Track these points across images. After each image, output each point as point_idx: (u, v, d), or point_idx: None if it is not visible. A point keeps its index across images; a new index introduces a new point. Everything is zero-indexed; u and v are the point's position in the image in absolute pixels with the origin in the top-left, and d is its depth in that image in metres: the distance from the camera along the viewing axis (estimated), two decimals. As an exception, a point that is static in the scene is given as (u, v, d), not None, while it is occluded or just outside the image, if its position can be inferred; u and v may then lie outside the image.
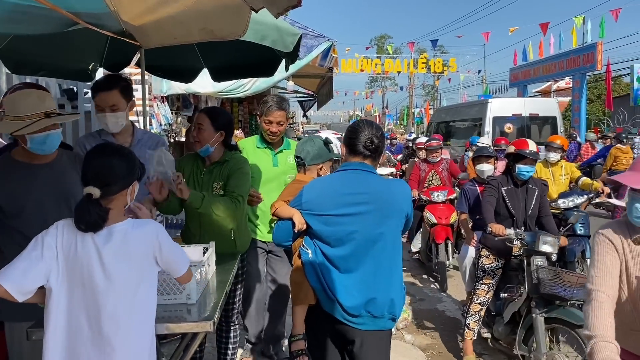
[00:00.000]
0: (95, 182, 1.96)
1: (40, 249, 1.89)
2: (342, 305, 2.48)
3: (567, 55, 21.98)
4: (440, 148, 7.50)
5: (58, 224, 1.96)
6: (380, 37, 58.05)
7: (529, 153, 4.40)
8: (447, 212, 6.87)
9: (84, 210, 1.92)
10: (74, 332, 1.93)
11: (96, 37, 4.16)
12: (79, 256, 1.92)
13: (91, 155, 2.04)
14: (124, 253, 1.98)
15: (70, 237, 1.92)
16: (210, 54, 4.84)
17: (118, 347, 1.94)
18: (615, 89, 28.37)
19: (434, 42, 31.00)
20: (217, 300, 2.48)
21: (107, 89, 3.25)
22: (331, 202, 2.51)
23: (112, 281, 1.95)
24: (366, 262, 2.49)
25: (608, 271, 2.20)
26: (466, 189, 5.33)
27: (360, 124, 2.62)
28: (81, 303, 1.93)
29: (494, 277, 4.56)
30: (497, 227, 4.19)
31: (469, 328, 4.59)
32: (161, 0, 2.92)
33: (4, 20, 3.36)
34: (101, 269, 1.94)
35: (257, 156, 3.91)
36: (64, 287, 1.92)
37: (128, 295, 1.98)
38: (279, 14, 2.50)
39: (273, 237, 2.77)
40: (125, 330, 1.97)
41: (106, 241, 1.96)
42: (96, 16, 3.33)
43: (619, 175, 2.24)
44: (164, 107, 7.16)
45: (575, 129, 19.09)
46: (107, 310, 1.94)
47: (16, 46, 4.38)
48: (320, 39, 6.52)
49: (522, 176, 4.45)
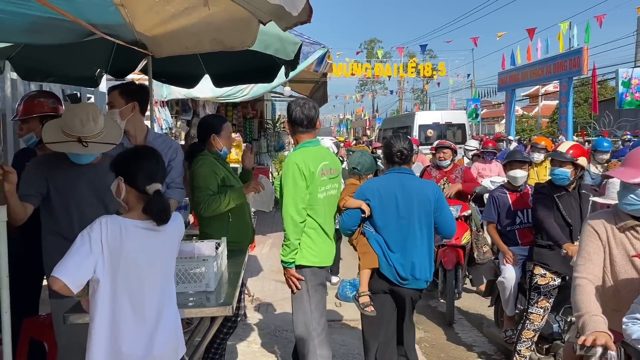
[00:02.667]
0: (156, 179, 2.20)
1: (88, 244, 2.07)
2: (397, 271, 3.35)
3: (554, 59, 22.43)
4: (449, 148, 6.39)
5: (101, 220, 2.13)
6: (370, 41, 58.56)
7: (555, 154, 4.07)
8: (459, 231, 5.65)
9: (161, 203, 2.16)
10: (117, 317, 2.13)
11: (103, 44, 4.38)
12: (125, 248, 2.12)
13: (140, 157, 2.26)
14: (165, 243, 2.23)
15: (114, 231, 2.11)
16: (212, 60, 5.05)
17: (160, 328, 2.19)
18: (602, 93, 28.92)
19: (423, 46, 31.42)
20: (234, 288, 2.73)
21: (110, 91, 3.65)
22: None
23: (155, 268, 2.19)
24: (410, 239, 3.37)
25: (590, 258, 2.49)
26: (495, 195, 4.80)
27: (392, 140, 3.46)
28: (125, 291, 2.13)
29: (550, 298, 4.09)
30: (574, 249, 3.68)
31: (519, 355, 4.18)
32: (174, 13, 3.15)
33: (25, 31, 3.57)
34: (145, 258, 2.17)
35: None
36: (109, 277, 2.11)
37: (168, 279, 2.25)
38: (287, 28, 2.75)
39: (342, 225, 3.52)
40: (166, 311, 2.22)
41: (151, 232, 2.19)
42: (112, 27, 3.55)
43: (614, 171, 2.54)
44: (164, 112, 7.37)
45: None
46: (151, 295, 2.18)
47: (27, 54, 4.59)
48: (315, 45, 6.76)
49: (553, 179, 4.07)
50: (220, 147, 3.69)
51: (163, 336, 2.20)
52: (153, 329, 2.18)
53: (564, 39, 22.28)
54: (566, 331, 4.08)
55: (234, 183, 3.69)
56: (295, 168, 3.26)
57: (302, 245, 3.32)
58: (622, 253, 2.45)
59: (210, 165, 3.59)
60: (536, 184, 4.57)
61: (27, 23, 3.35)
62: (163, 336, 2.20)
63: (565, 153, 3.99)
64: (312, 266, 3.36)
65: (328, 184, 3.43)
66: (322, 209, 3.38)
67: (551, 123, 34.25)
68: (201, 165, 3.56)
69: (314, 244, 3.37)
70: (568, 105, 21.18)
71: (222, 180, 3.61)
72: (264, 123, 14.51)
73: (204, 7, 2.68)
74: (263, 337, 4.91)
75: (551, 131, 29.74)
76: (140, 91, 3.67)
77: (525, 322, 4.15)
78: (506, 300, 4.53)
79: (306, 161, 3.29)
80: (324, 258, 3.45)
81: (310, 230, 3.35)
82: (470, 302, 6.33)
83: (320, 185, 3.34)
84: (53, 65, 4.93)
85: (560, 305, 4.18)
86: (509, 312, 4.54)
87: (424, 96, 57.10)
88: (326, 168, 3.40)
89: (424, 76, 39.00)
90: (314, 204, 3.33)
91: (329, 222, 3.46)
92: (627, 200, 2.40)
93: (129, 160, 2.25)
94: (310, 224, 3.34)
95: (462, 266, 5.70)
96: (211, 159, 3.67)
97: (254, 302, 5.83)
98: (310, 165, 3.29)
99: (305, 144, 3.40)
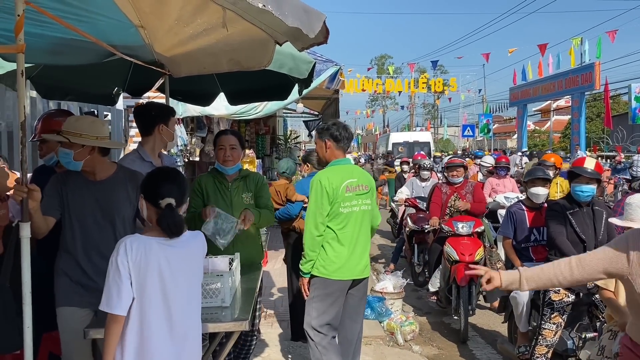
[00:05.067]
0: (171, 194, 2.26)
1: (117, 269, 2.17)
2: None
3: (566, 75, 22.43)
4: (462, 166, 6.32)
5: (125, 241, 2.21)
6: (380, 57, 58.94)
7: (581, 170, 4.00)
8: (473, 248, 5.71)
9: (173, 216, 2.22)
10: (146, 335, 2.20)
11: (121, 63, 4.47)
12: (150, 264, 2.19)
13: (163, 174, 2.36)
14: (187, 259, 2.29)
15: (138, 249, 2.19)
16: (228, 79, 5.13)
17: (188, 346, 2.26)
18: (615, 108, 28.73)
19: (434, 62, 31.51)
20: (249, 303, 2.76)
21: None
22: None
23: (180, 285, 2.25)
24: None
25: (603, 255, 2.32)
26: (513, 211, 4.79)
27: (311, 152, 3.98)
28: (153, 308, 2.20)
29: (564, 315, 4.10)
30: None
31: None
32: (193, 34, 3.23)
33: (46, 52, 3.67)
34: (170, 274, 2.23)
35: None
36: (137, 295, 2.20)
37: (193, 297, 2.30)
38: (303, 48, 2.82)
39: (283, 212, 4.85)
40: (192, 329, 2.28)
41: (173, 248, 2.25)
42: (131, 48, 3.64)
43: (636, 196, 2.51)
44: (180, 129, 7.48)
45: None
46: (177, 312, 2.23)
47: (47, 73, 4.69)
48: (328, 63, 6.87)
49: (577, 196, 4.06)
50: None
51: (189, 353, 2.26)
52: (181, 346, 2.23)
53: (575, 54, 22.36)
54: (581, 348, 4.06)
55: (221, 204, 3.62)
56: (318, 185, 3.53)
57: (317, 257, 3.58)
58: None
59: (196, 183, 3.74)
60: (549, 200, 4.58)
61: (49, 44, 3.45)
62: (189, 353, 2.26)
63: (594, 170, 3.99)
64: (321, 276, 3.57)
65: (354, 199, 3.60)
66: (345, 223, 3.57)
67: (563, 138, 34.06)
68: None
69: (326, 256, 3.57)
70: (580, 120, 21.13)
71: (207, 197, 3.66)
72: (276, 139, 14.63)
73: (222, 29, 2.74)
74: (276, 354, 4.91)
75: (563, 146, 29.57)
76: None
77: (538, 338, 4.14)
78: (519, 316, 4.53)
79: (330, 178, 3.55)
80: (337, 270, 3.56)
81: (326, 244, 3.55)
82: (484, 318, 6.30)
83: (344, 201, 3.54)
84: (72, 84, 5.03)
85: (574, 321, 4.19)
86: (522, 328, 4.52)
87: (435, 111, 57.19)
88: (353, 185, 3.59)
89: (435, 91, 39.10)
90: (335, 217, 3.54)
91: (354, 236, 3.60)
92: None
93: (148, 177, 2.36)
94: (328, 237, 3.54)
95: (475, 283, 5.64)
96: (205, 176, 3.81)
97: (266, 318, 5.84)
98: (334, 182, 3.54)
99: (336, 162, 3.65)
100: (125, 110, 8.24)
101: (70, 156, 2.85)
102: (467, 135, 36.14)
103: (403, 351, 5.24)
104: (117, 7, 2.94)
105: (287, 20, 2.07)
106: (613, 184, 13.23)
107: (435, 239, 6.47)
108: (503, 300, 5.04)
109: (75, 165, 2.88)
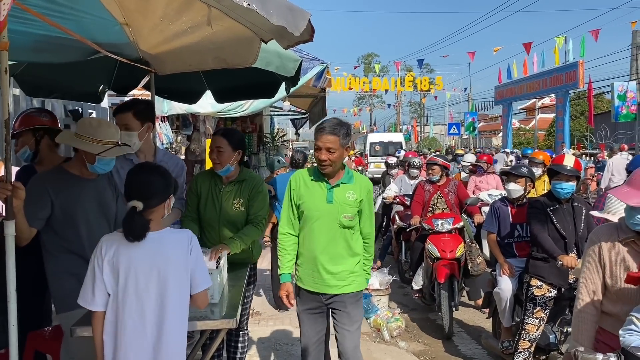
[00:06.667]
0: (138, 196, 2.24)
1: (93, 269, 2.24)
2: None
3: (550, 73, 22.66)
4: (437, 165, 6.39)
5: (101, 241, 2.27)
6: (367, 55, 58.84)
7: (561, 167, 4.08)
8: (453, 244, 5.75)
9: (131, 221, 2.21)
10: (120, 330, 2.22)
11: (106, 61, 4.45)
12: (122, 264, 2.22)
13: (133, 173, 2.34)
14: (162, 256, 2.27)
15: (112, 249, 2.23)
16: (214, 77, 5.11)
17: (164, 342, 2.24)
18: (598, 106, 29.07)
19: (420, 61, 31.78)
20: (237, 301, 2.77)
21: (121, 111, 3.55)
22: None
23: (149, 280, 2.24)
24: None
25: (590, 277, 2.56)
26: (496, 206, 4.86)
27: (296, 152, 4.16)
28: (125, 301, 2.22)
29: (546, 309, 4.17)
30: (569, 260, 3.87)
31: None
32: (178, 32, 3.22)
33: (30, 49, 3.64)
34: (142, 273, 2.23)
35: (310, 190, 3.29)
36: (112, 291, 2.24)
37: (166, 290, 2.26)
38: (289, 46, 2.83)
39: None
40: (168, 324, 2.26)
41: (146, 247, 2.25)
42: (116, 45, 3.62)
43: (617, 191, 2.52)
44: (165, 127, 7.45)
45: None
46: (149, 308, 2.24)
47: (31, 71, 4.66)
48: (314, 61, 6.86)
49: (557, 193, 4.12)
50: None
51: (167, 350, 2.25)
52: (157, 342, 2.23)
53: (559, 53, 22.60)
54: (562, 342, 4.15)
55: (209, 211, 3.58)
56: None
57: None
58: (621, 265, 2.50)
59: (194, 180, 3.68)
60: (530, 198, 4.66)
61: (33, 41, 3.42)
62: (167, 350, 2.25)
63: (573, 167, 4.06)
64: None
65: None
66: None
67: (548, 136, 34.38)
68: None
69: None
70: (565, 118, 21.37)
71: (200, 198, 3.61)
72: (263, 137, 14.59)
73: (207, 27, 2.74)
74: (264, 351, 4.93)
75: (548, 144, 29.87)
76: (152, 110, 3.71)
77: (521, 333, 4.21)
78: (502, 311, 4.59)
79: None
80: None
81: None
82: (469, 314, 6.37)
83: None
84: (57, 82, 4.99)
85: (556, 316, 4.26)
86: (505, 323, 4.59)
87: (422, 109, 57.45)
88: None
89: (421, 90, 39.31)
90: None
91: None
92: (635, 220, 2.39)
93: (127, 175, 2.36)
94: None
95: (457, 279, 5.72)
96: (203, 175, 3.74)
97: (253, 316, 5.85)
98: None
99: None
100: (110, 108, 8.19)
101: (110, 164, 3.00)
102: (453, 133, 36.36)
103: (389, 347, 5.28)
104: (101, 5, 2.93)
105: (272, 19, 2.08)
106: (596, 181, 13.38)
107: (417, 237, 6.53)
108: (487, 295, 5.10)
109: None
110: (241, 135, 3.77)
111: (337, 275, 3.23)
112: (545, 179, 6.62)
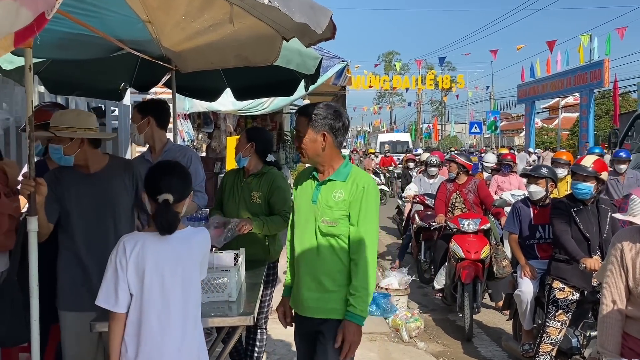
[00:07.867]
0: (169, 190, 2.25)
1: (116, 270, 2.21)
2: None
3: (575, 72, 22.27)
4: (454, 162, 6.33)
5: (123, 239, 2.25)
6: (388, 53, 58.62)
7: (578, 168, 4.03)
8: (479, 245, 5.64)
9: (165, 213, 2.22)
10: (145, 326, 2.22)
11: (128, 58, 4.49)
12: (147, 262, 2.21)
13: (159, 170, 2.36)
14: (186, 254, 2.29)
15: (136, 247, 2.22)
16: (234, 75, 5.12)
17: (186, 338, 2.25)
18: (624, 105, 28.49)
19: (441, 59, 31.57)
20: (254, 298, 2.78)
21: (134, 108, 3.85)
22: None
23: (175, 278, 2.25)
24: None
25: (614, 282, 2.53)
26: (518, 207, 4.78)
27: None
28: (150, 301, 2.22)
29: (568, 312, 4.10)
30: (592, 262, 3.82)
31: None
32: (200, 30, 3.24)
33: (54, 46, 3.69)
34: (169, 271, 2.24)
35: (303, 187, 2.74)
36: (136, 291, 2.22)
37: (191, 290, 2.29)
38: (310, 44, 2.82)
39: None
40: (191, 321, 2.28)
41: (172, 245, 2.26)
42: (139, 43, 3.66)
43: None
44: (187, 124, 7.50)
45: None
46: (175, 305, 2.24)
47: (55, 69, 4.72)
48: (335, 59, 6.84)
49: (575, 194, 4.06)
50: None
51: (188, 347, 2.26)
52: (180, 341, 2.24)
53: (584, 52, 22.18)
54: (585, 346, 4.07)
55: (230, 203, 3.74)
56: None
57: None
58: None
59: (223, 177, 3.91)
60: (553, 198, 4.58)
61: (57, 39, 3.47)
62: (188, 347, 2.26)
63: (590, 167, 3.98)
64: None
65: None
66: None
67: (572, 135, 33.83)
68: None
69: None
70: (589, 117, 21.00)
71: (224, 192, 3.82)
72: (283, 135, 14.62)
73: (229, 24, 2.74)
74: (282, 348, 4.93)
75: (571, 144, 29.40)
76: (156, 106, 3.77)
77: (542, 336, 4.14)
78: (523, 314, 4.52)
79: None
80: None
81: None
82: (490, 316, 6.29)
83: None
84: (80, 79, 5.06)
85: (579, 319, 4.18)
86: (526, 325, 4.52)
87: (442, 108, 57.05)
88: None
89: (442, 88, 39.02)
90: None
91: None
92: None
93: (149, 171, 2.36)
94: None
95: (480, 281, 5.65)
96: (231, 170, 3.93)
97: (273, 314, 5.86)
98: None
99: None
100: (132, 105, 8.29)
101: (60, 151, 2.83)
102: (475, 132, 36.01)
103: (408, 348, 5.25)
104: (125, 3, 2.95)
105: (294, 16, 2.07)
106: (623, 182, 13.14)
107: (440, 235, 6.47)
108: (507, 297, 5.04)
109: (67, 160, 2.87)
110: (261, 132, 3.93)
111: (316, 298, 2.57)
112: (567, 180, 6.50)
